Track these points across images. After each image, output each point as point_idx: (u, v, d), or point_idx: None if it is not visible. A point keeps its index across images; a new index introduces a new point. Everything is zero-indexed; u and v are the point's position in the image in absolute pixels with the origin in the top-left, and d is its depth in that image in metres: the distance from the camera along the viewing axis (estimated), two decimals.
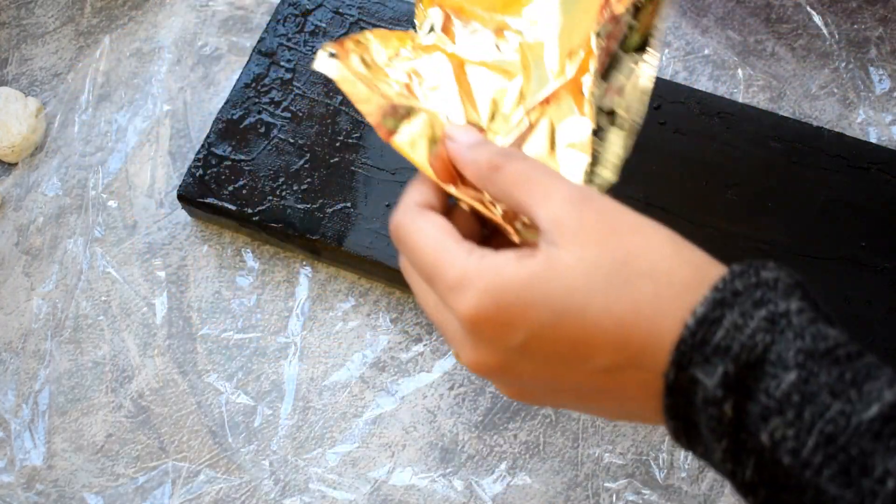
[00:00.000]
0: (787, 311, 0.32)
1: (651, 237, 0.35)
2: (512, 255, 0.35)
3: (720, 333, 0.32)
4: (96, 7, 0.63)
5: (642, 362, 0.34)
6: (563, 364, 0.35)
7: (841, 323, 0.32)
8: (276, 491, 0.50)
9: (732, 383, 0.31)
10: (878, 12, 0.60)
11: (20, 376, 0.53)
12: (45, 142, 0.59)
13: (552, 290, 0.34)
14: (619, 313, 0.34)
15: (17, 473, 0.51)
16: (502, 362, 0.36)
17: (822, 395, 0.30)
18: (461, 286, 0.35)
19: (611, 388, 0.35)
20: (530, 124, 0.48)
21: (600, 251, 0.35)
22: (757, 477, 0.32)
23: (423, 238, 0.37)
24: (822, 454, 0.30)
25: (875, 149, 0.54)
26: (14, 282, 0.56)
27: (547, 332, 0.34)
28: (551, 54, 0.50)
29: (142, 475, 0.51)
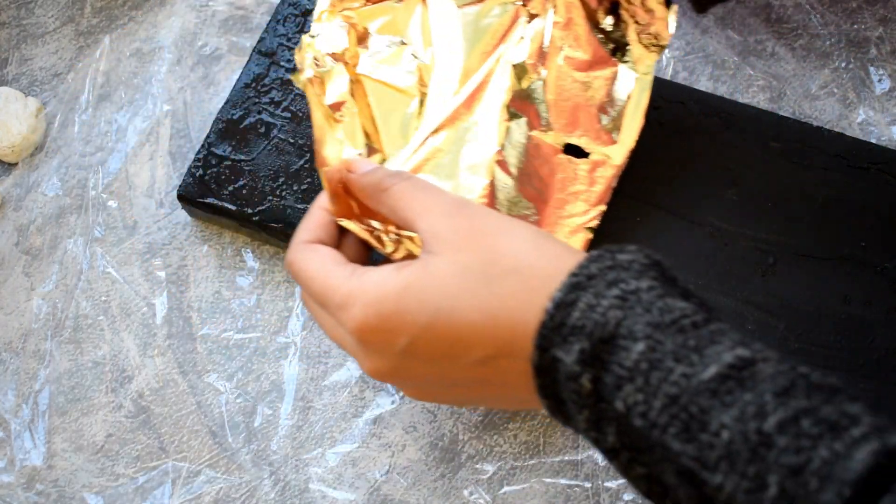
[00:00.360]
0: (638, 288, 0.35)
1: (515, 237, 0.39)
2: (391, 267, 0.39)
3: (576, 314, 0.35)
4: (96, 7, 0.63)
5: (513, 351, 0.37)
6: (446, 360, 0.38)
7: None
8: (276, 491, 0.50)
9: (588, 358, 0.34)
10: (878, 12, 0.60)
11: (20, 376, 0.53)
12: (45, 142, 0.59)
13: (427, 295, 0.38)
14: (488, 309, 0.37)
15: (17, 473, 0.51)
16: (394, 366, 0.39)
17: (667, 361, 0.33)
18: (347, 304, 0.39)
19: (492, 378, 0.39)
20: (432, 147, 0.51)
21: (470, 254, 0.38)
22: (618, 442, 0.34)
23: (311, 269, 0.41)
24: (667, 414, 0.32)
25: (875, 149, 0.54)
26: (14, 282, 0.56)
27: (426, 333, 0.38)
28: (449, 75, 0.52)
29: (142, 475, 0.51)
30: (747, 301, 0.50)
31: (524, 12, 0.53)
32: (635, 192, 0.53)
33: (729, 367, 0.32)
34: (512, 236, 0.39)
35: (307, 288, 0.42)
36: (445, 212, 0.40)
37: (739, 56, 0.59)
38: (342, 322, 0.40)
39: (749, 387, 0.31)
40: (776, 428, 0.30)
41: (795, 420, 0.30)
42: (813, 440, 0.30)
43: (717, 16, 0.60)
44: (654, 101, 0.55)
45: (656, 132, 0.55)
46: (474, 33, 0.53)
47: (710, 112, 0.55)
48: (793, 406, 0.31)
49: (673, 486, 0.33)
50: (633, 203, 0.53)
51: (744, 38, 0.60)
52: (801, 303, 0.50)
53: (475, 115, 0.52)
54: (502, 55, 0.52)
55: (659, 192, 0.53)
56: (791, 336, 0.50)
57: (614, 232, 0.52)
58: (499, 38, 0.53)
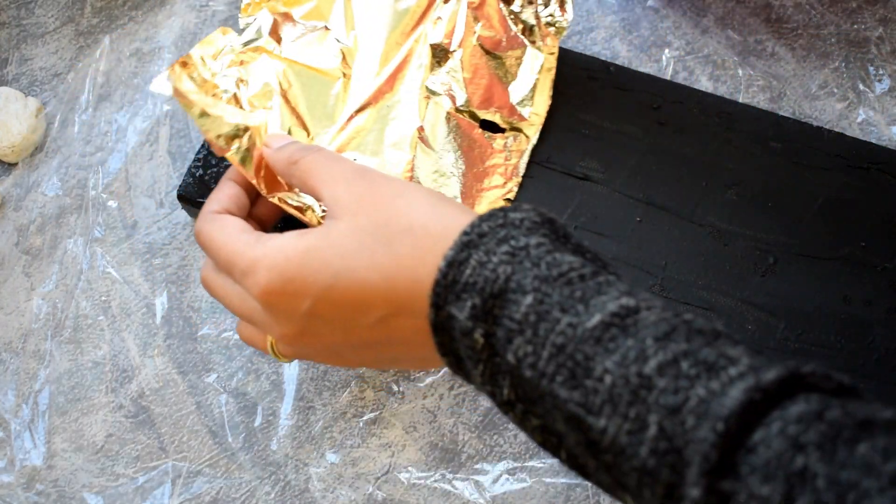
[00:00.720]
0: (527, 245, 0.36)
1: (412, 199, 0.40)
2: (295, 233, 0.40)
3: (468, 271, 0.36)
4: (96, 7, 0.63)
5: (411, 309, 0.38)
6: (349, 320, 0.39)
7: None
8: (275, 491, 0.50)
9: (480, 314, 0.35)
10: (878, 12, 0.60)
11: (20, 376, 0.53)
12: (45, 142, 0.59)
13: (328, 257, 0.39)
14: (384, 268, 0.38)
15: (17, 473, 0.51)
16: (301, 329, 0.41)
17: (554, 312, 0.34)
18: (252, 269, 0.40)
19: (395, 337, 0.40)
20: (356, 126, 0.53)
21: (367, 217, 0.39)
22: (513, 394, 0.35)
23: (218, 237, 0.42)
24: (555, 363, 0.33)
25: (875, 149, 0.54)
26: (14, 282, 0.56)
27: (328, 293, 0.39)
28: (371, 57, 0.55)
29: (142, 475, 0.51)
30: (747, 301, 0.50)
31: None
32: (635, 191, 0.53)
33: (612, 316, 0.33)
34: (408, 198, 0.40)
35: (214, 255, 0.43)
36: (347, 179, 0.41)
37: (739, 56, 0.59)
38: (248, 287, 0.41)
39: (631, 333, 0.32)
40: (656, 370, 0.31)
41: (675, 362, 0.31)
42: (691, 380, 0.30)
43: (717, 16, 0.60)
44: (654, 100, 0.55)
45: (656, 132, 0.55)
46: (394, 16, 0.56)
47: (710, 112, 0.55)
48: (672, 349, 0.31)
49: (564, 434, 0.34)
50: (634, 203, 0.53)
51: (744, 38, 0.60)
52: (801, 303, 0.50)
53: (397, 94, 0.54)
54: (421, 36, 0.55)
55: (659, 192, 0.53)
56: (791, 336, 0.50)
57: (614, 232, 0.52)
58: (417, 20, 0.56)
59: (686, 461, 0.29)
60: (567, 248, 0.36)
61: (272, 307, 0.40)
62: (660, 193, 0.53)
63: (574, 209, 0.53)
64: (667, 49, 0.59)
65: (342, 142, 0.53)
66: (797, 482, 0.27)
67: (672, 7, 0.61)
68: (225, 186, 0.46)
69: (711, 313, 0.50)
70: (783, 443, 0.28)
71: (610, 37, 0.60)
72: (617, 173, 0.54)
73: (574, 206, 0.53)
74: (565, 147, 0.55)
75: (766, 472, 0.28)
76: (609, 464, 0.32)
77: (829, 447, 0.28)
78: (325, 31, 0.54)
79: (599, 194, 0.53)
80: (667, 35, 0.60)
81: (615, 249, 0.52)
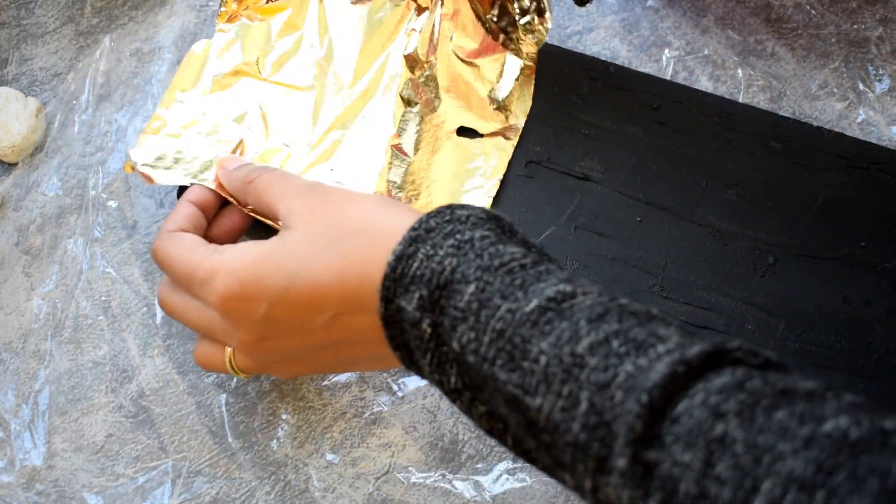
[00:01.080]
0: (472, 238, 0.37)
1: (361, 203, 0.42)
2: (250, 242, 0.42)
3: (415, 265, 0.37)
4: (96, 7, 0.63)
5: (363, 305, 0.39)
6: (306, 321, 0.41)
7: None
8: (275, 491, 0.50)
9: (427, 304, 0.37)
10: (878, 12, 0.60)
11: (20, 376, 0.53)
12: (45, 142, 0.59)
13: (282, 261, 0.40)
14: (336, 267, 0.39)
15: (16, 473, 0.51)
16: (259, 335, 0.42)
17: (495, 299, 0.35)
18: (210, 278, 0.42)
19: (351, 337, 0.41)
20: (333, 139, 0.54)
21: (319, 223, 0.41)
22: (459, 381, 0.37)
23: (175, 252, 0.44)
24: (495, 348, 0.35)
25: (875, 149, 0.54)
26: (14, 282, 0.56)
27: (283, 296, 0.40)
28: (346, 68, 0.56)
29: (142, 475, 0.51)
30: (747, 301, 0.50)
31: (413, 6, 0.56)
32: (635, 191, 0.53)
33: (549, 300, 0.34)
34: (358, 203, 0.42)
35: (173, 270, 0.44)
36: (300, 193, 0.43)
37: (739, 56, 0.59)
38: (206, 297, 0.42)
39: (567, 316, 0.34)
40: (588, 349, 0.32)
41: (606, 341, 0.32)
42: (620, 358, 0.32)
43: (717, 16, 0.60)
44: (654, 100, 0.55)
45: (656, 132, 0.55)
46: (368, 27, 0.56)
47: (710, 112, 0.55)
48: (604, 329, 0.33)
49: (506, 418, 0.35)
50: (634, 203, 0.53)
51: (744, 38, 0.60)
52: (801, 303, 0.50)
53: (371, 104, 0.55)
54: (395, 47, 0.56)
55: (659, 192, 0.53)
56: (791, 336, 0.50)
57: (614, 232, 0.52)
58: (391, 31, 0.56)
59: (614, 434, 0.31)
60: (512, 242, 0.38)
61: (230, 313, 0.42)
62: (660, 193, 0.53)
63: (574, 209, 0.53)
64: (667, 49, 0.59)
65: (319, 154, 0.54)
66: (717, 448, 0.28)
67: (672, 7, 0.61)
68: (181, 207, 0.48)
69: (711, 313, 0.50)
70: (705, 412, 0.29)
71: (610, 37, 0.60)
72: (617, 173, 0.54)
73: (574, 206, 0.53)
74: (565, 147, 0.55)
75: (688, 440, 0.29)
76: (547, 443, 0.33)
77: (748, 414, 0.29)
78: (300, 47, 0.56)
79: (599, 194, 0.53)
80: (667, 35, 0.60)
81: (615, 249, 0.52)
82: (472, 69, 0.56)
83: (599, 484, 0.31)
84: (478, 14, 0.56)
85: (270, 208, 0.45)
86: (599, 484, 0.31)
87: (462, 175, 0.54)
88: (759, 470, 0.27)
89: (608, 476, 0.31)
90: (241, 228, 0.50)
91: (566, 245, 0.52)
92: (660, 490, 0.29)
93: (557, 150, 0.55)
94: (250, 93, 0.55)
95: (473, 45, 0.56)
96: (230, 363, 0.45)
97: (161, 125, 0.53)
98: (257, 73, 0.55)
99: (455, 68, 0.56)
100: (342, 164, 0.53)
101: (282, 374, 0.46)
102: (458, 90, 0.56)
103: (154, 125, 0.53)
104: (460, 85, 0.56)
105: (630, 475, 0.30)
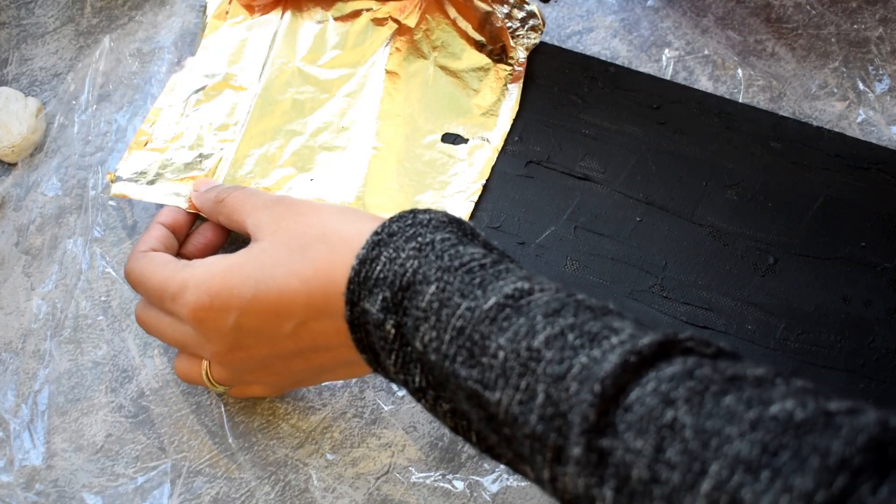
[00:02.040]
0: (433, 240, 0.38)
1: (324, 212, 0.42)
2: (219, 255, 0.44)
3: (378, 267, 0.38)
4: (96, 7, 0.63)
5: (329, 311, 0.40)
6: (274, 329, 0.42)
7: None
8: (275, 491, 0.50)
9: (391, 306, 0.37)
10: (878, 12, 0.60)
11: (20, 376, 0.53)
12: (45, 142, 0.59)
13: (249, 271, 0.41)
14: (301, 274, 0.40)
15: (16, 473, 0.51)
16: (231, 344, 0.43)
17: (455, 298, 0.36)
18: (181, 291, 0.43)
19: (319, 343, 0.42)
20: (312, 147, 0.55)
21: (285, 233, 0.42)
22: (423, 380, 0.37)
23: (146, 270, 0.46)
24: (455, 345, 0.35)
25: (875, 149, 0.54)
26: (14, 282, 0.56)
27: (252, 305, 0.41)
28: (329, 83, 0.57)
29: (141, 475, 0.51)
30: (747, 301, 0.50)
31: (394, 25, 0.57)
32: (635, 191, 0.53)
33: (507, 297, 0.35)
34: (323, 212, 0.43)
35: (145, 288, 0.46)
36: (267, 206, 0.45)
37: (739, 56, 0.59)
38: (178, 312, 0.43)
39: (524, 312, 0.34)
40: (544, 343, 0.33)
41: (562, 335, 0.33)
42: (575, 350, 0.32)
43: (717, 16, 0.60)
44: (654, 100, 0.55)
45: (656, 132, 0.55)
46: (352, 44, 0.57)
47: (710, 112, 0.55)
48: (560, 323, 0.34)
49: (468, 413, 0.36)
50: (634, 203, 0.53)
51: (744, 38, 0.60)
52: (801, 303, 0.50)
53: (351, 115, 0.56)
54: (376, 63, 0.57)
55: (659, 192, 0.53)
56: (791, 336, 0.50)
57: (614, 232, 0.52)
58: (374, 49, 0.57)
59: (570, 423, 0.31)
60: (472, 244, 0.39)
61: (202, 324, 0.43)
62: (660, 193, 0.53)
63: (574, 209, 0.53)
64: (667, 49, 0.59)
65: (299, 165, 0.54)
66: (667, 433, 0.29)
67: (672, 7, 0.61)
68: (152, 229, 0.49)
69: (711, 313, 0.50)
70: (655, 399, 0.30)
71: (610, 37, 0.60)
72: (617, 173, 0.54)
73: (574, 206, 0.53)
74: (565, 147, 0.55)
75: (639, 427, 0.30)
76: (508, 437, 0.34)
77: (696, 401, 0.30)
78: (281, 59, 0.57)
79: (599, 194, 0.53)
80: (667, 35, 0.60)
81: (615, 249, 0.52)
82: (457, 80, 0.57)
83: (557, 474, 0.32)
84: (463, 31, 0.57)
85: (241, 224, 0.46)
86: (557, 474, 0.32)
87: (444, 181, 0.54)
88: (707, 453, 0.28)
89: (565, 466, 0.32)
90: (215, 245, 0.51)
91: (566, 245, 0.52)
92: (614, 477, 0.30)
93: (557, 150, 0.55)
94: (233, 103, 0.56)
95: (459, 57, 0.57)
96: (206, 375, 0.46)
97: (146, 139, 0.55)
98: (240, 86, 0.56)
99: (439, 81, 0.56)
100: (322, 174, 0.54)
101: (256, 389, 0.48)
102: (442, 100, 0.56)
103: (140, 139, 0.55)
104: (445, 95, 0.56)
105: (585, 463, 0.31)
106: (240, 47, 0.57)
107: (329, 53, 0.57)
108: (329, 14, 0.58)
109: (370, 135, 0.55)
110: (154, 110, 0.56)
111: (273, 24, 0.58)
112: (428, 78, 0.56)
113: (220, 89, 0.56)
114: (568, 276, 0.51)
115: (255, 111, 0.55)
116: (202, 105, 0.56)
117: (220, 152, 0.54)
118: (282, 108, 0.56)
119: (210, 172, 0.54)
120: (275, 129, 0.55)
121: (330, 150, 0.55)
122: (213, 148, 0.55)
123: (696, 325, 0.50)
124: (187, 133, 0.55)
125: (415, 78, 0.56)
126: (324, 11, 0.58)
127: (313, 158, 0.55)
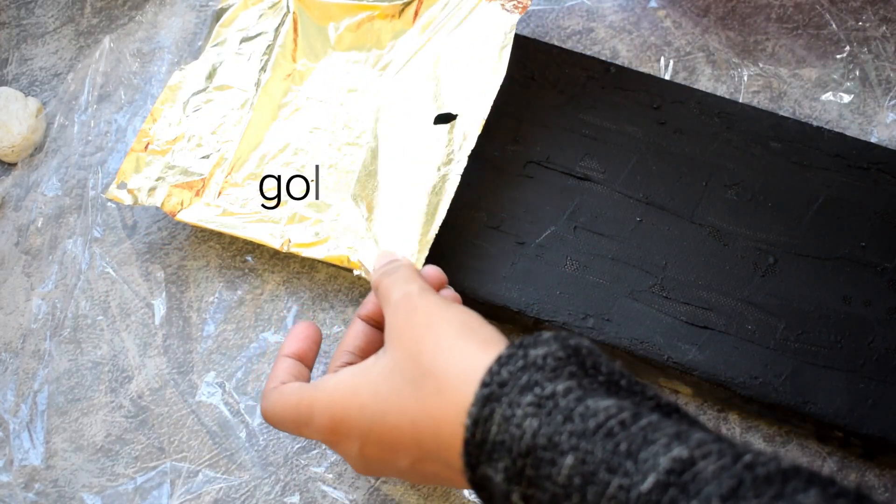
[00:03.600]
0: (554, 392, 0.33)
1: (439, 332, 0.39)
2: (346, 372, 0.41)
3: (494, 429, 0.34)
4: (96, 7, 0.63)
5: (438, 456, 0.37)
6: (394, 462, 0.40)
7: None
8: (275, 491, 0.50)
9: (513, 475, 0.33)
10: (879, 12, 0.60)
11: (19, 376, 0.53)
12: (44, 142, 0.59)
13: (365, 401, 0.39)
14: (411, 414, 0.38)
15: (15, 473, 0.51)
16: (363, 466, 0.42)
17: (601, 473, 0.31)
18: (310, 417, 0.41)
19: (429, 476, 0.40)
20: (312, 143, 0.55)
21: (400, 351, 0.39)
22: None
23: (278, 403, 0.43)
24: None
25: (875, 149, 0.54)
26: (14, 282, 0.56)
27: (369, 437, 0.40)
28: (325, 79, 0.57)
29: (141, 475, 0.51)
30: (747, 301, 0.50)
31: (396, 20, 0.57)
32: (635, 191, 0.53)
33: (667, 473, 0.30)
34: (436, 331, 0.39)
35: (282, 421, 0.43)
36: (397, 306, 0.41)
37: (739, 56, 0.59)
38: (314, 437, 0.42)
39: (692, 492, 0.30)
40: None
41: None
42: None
43: (717, 16, 0.60)
44: (654, 100, 0.55)
45: (656, 132, 0.55)
46: (351, 44, 0.58)
47: (710, 112, 0.55)
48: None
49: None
50: (634, 203, 0.53)
51: (744, 38, 0.60)
52: (801, 303, 0.50)
53: (353, 114, 0.56)
54: (371, 60, 0.57)
55: (659, 192, 0.53)
56: (791, 336, 0.50)
57: (614, 232, 0.52)
58: (374, 48, 0.58)
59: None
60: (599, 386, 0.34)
61: (336, 446, 0.42)
62: (660, 193, 0.53)
63: (574, 209, 0.53)
64: (667, 49, 0.59)
65: (299, 164, 0.55)
66: None
67: (672, 7, 0.61)
68: (279, 363, 0.46)
69: (711, 313, 0.50)
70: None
71: (610, 37, 0.60)
72: (617, 173, 0.54)
73: (574, 206, 0.53)
74: (565, 147, 0.55)
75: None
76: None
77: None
78: (281, 59, 0.57)
79: (599, 194, 0.53)
80: (667, 35, 0.60)
81: (615, 249, 0.52)
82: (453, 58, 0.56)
83: None
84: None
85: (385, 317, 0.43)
86: None
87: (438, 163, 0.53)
88: None
89: None
90: None
91: (566, 245, 0.52)
92: None
93: (557, 150, 0.55)
94: (233, 105, 0.56)
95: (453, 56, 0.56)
96: None
97: (148, 141, 0.55)
98: (240, 88, 0.57)
99: (438, 64, 0.56)
100: (320, 159, 0.55)
101: None
102: (438, 82, 0.55)
103: (141, 141, 0.55)
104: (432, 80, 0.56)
105: None
106: (240, 48, 0.57)
107: (329, 53, 0.57)
108: (331, 20, 0.58)
109: (371, 132, 0.55)
110: (155, 111, 0.56)
111: (275, 24, 0.58)
112: (428, 65, 0.56)
113: (221, 90, 0.56)
114: (568, 276, 0.51)
115: (255, 112, 0.55)
116: (203, 106, 0.56)
117: (220, 153, 0.54)
118: (282, 108, 0.56)
119: (210, 173, 0.54)
120: (275, 130, 0.55)
121: (332, 148, 0.55)
122: (213, 148, 0.55)
123: (696, 325, 0.50)
124: (188, 134, 0.55)
125: (415, 70, 0.56)
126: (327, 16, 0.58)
127: (314, 158, 0.55)
